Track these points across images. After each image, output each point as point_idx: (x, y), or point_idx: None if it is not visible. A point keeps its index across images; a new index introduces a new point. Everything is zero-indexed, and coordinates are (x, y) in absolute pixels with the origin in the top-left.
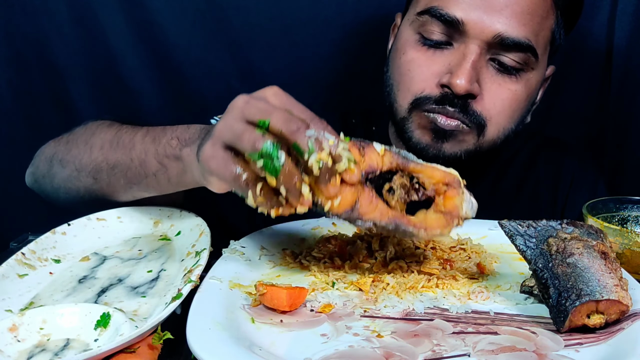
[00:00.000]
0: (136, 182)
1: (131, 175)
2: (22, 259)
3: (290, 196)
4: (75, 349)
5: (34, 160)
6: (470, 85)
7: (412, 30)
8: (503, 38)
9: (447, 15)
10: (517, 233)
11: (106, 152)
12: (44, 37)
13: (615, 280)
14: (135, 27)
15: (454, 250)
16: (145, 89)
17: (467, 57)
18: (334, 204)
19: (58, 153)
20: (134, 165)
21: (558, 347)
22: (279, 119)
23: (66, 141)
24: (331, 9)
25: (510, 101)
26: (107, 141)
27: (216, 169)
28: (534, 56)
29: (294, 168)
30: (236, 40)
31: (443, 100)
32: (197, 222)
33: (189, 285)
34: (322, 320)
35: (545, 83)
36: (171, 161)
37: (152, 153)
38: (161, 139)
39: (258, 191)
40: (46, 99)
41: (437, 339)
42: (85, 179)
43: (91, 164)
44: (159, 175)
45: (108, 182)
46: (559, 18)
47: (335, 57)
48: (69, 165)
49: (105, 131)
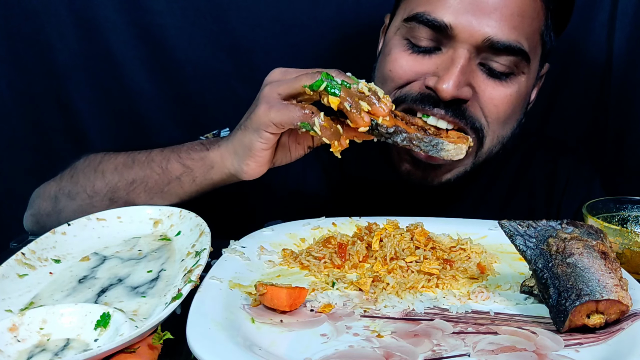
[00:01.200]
0: (158, 191)
1: (152, 184)
2: (22, 259)
3: (353, 110)
4: (75, 349)
5: (32, 203)
6: (456, 90)
7: (400, 37)
8: (493, 42)
9: (435, 20)
10: (517, 233)
11: (121, 171)
12: (45, 38)
13: (615, 280)
14: (136, 29)
15: (454, 250)
16: (145, 90)
17: (456, 61)
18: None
19: (63, 188)
20: (155, 175)
21: (558, 347)
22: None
23: (70, 175)
24: (330, 11)
25: (504, 106)
26: (121, 163)
27: (276, 113)
28: (525, 59)
29: (352, 90)
30: (236, 41)
31: (423, 100)
32: (197, 222)
33: (189, 285)
34: (322, 320)
35: (540, 82)
36: (196, 161)
37: (174, 159)
38: (182, 147)
39: (322, 116)
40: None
41: (437, 339)
42: (101, 203)
43: (106, 186)
44: (183, 178)
45: (127, 199)
46: (549, 20)
47: (334, 57)
48: (79, 194)
49: (114, 157)
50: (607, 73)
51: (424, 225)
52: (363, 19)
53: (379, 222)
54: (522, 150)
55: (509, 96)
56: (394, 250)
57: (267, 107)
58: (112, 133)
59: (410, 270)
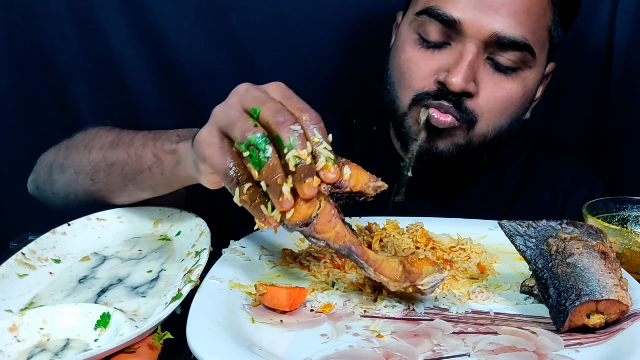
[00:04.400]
0: (132, 178)
1: (128, 170)
2: (22, 259)
3: (271, 193)
4: (75, 349)
5: (35, 167)
6: (465, 84)
7: (411, 30)
8: (500, 37)
9: (445, 15)
10: (517, 233)
11: (105, 151)
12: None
13: (615, 280)
14: (136, 29)
15: (454, 250)
16: (145, 90)
17: (464, 56)
18: (287, 214)
19: (58, 159)
20: (131, 161)
21: (558, 347)
22: (270, 108)
23: (66, 147)
24: (331, 10)
25: (503, 99)
26: (107, 142)
27: (209, 155)
28: (531, 54)
29: (278, 164)
30: (237, 41)
31: (439, 96)
32: (197, 222)
33: (189, 285)
34: (322, 320)
35: (546, 80)
36: (167, 154)
37: (149, 147)
38: (162, 135)
39: (245, 189)
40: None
41: (437, 339)
42: (84, 181)
43: (89, 165)
44: (153, 169)
45: (106, 182)
46: (556, 16)
47: (335, 57)
48: (69, 169)
49: (105, 134)
50: (608, 73)
51: (424, 225)
52: (365, 18)
53: (379, 222)
54: (527, 150)
55: (510, 90)
56: (394, 250)
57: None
58: None
59: None
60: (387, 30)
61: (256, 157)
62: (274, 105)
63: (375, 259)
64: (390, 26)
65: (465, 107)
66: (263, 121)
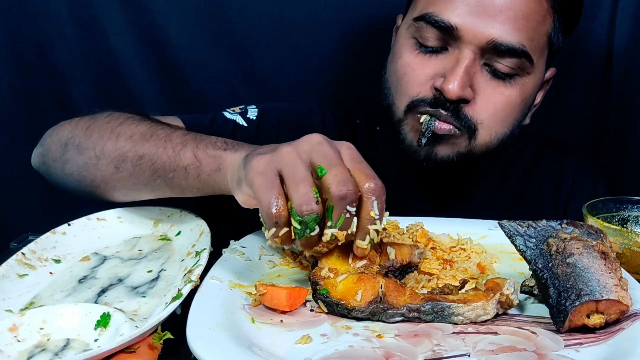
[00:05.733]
0: (162, 174)
1: (160, 165)
2: (22, 259)
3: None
4: (75, 349)
5: (44, 140)
6: (462, 90)
7: (409, 35)
8: (497, 43)
9: (442, 21)
10: (516, 233)
11: (136, 141)
12: (45, 38)
13: (615, 280)
14: (136, 29)
15: (454, 250)
16: (146, 90)
17: (460, 62)
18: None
19: (75, 137)
20: (166, 157)
21: (558, 347)
22: (336, 176)
23: (85, 126)
24: (332, 10)
25: (503, 105)
26: (139, 132)
27: (258, 185)
28: (528, 61)
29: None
30: (237, 41)
31: (436, 104)
32: (197, 222)
33: (189, 285)
34: (322, 320)
35: (547, 85)
36: (208, 157)
37: (190, 147)
38: (205, 138)
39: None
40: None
41: (437, 339)
42: (106, 167)
43: (115, 152)
44: (189, 169)
45: (131, 173)
46: (556, 22)
47: (336, 58)
48: (88, 151)
49: (136, 123)
50: (608, 73)
51: (424, 226)
52: (364, 19)
53: None
54: (529, 151)
55: (509, 97)
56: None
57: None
58: None
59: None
60: (387, 32)
61: (302, 231)
62: (341, 173)
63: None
64: (391, 27)
65: (464, 115)
66: (325, 184)
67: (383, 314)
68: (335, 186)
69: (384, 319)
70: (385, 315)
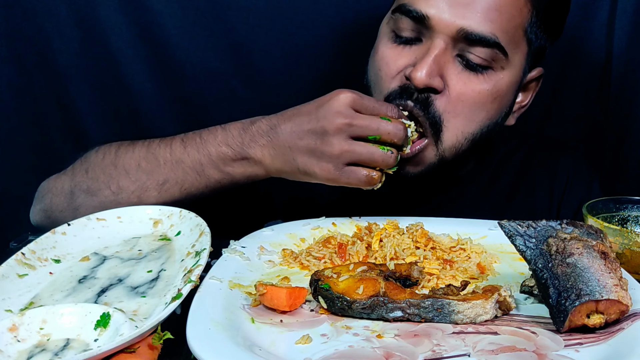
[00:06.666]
0: (195, 191)
1: (189, 186)
2: (22, 259)
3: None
4: (75, 349)
5: (42, 198)
6: (429, 78)
7: (388, 29)
8: (467, 33)
9: (415, 11)
10: (516, 233)
11: (148, 171)
12: (45, 38)
13: (615, 280)
14: (136, 28)
15: (454, 250)
16: (145, 90)
17: (431, 51)
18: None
19: (80, 184)
20: (190, 178)
21: (558, 347)
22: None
23: (84, 170)
24: (331, 10)
25: (472, 100)
26: (143, 159)
27: (346, 181)
28: (502, 53)
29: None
30: (236, 41)
31: (402, 93)
32: (197, 222)
33: (189, 285)
34: (322, 320)
35: (536, 86)
36: (235, 168)
37: (208, 165)
38: (206, 147)
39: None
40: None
41: (437, 339)
42: (128, 199)
43: (133, 184)
44: (223, 182)
45: (158, 198)
46: (534, 18)
47: (335, 57)
48: (102, 191)
49: (131, 150)
50: (607, 73)
51: (424, 226)
52: (364, 19)
53: (379, 222)
54: (523, 150)
55: (479, 91)
56: (394, 250)
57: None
58: (112, 133)
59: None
60: None
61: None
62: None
63: (458, 297)
64: None
65: (433, 108)
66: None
67: (383, 308)
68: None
69: (384, 313)
70: (386, 309)
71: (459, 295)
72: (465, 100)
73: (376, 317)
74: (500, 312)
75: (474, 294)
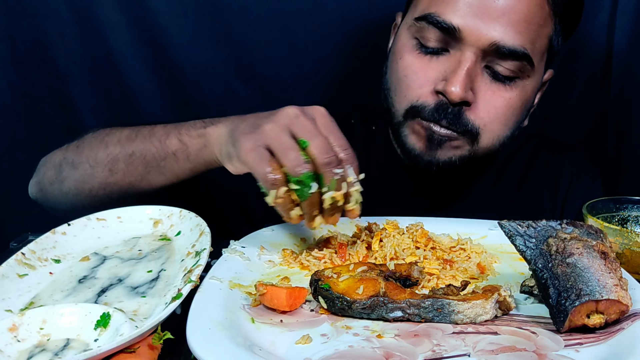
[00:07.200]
0: (155, 165)
1: (150, 158)
2: (22, 259)
3: (306, 217)
4: (75, 349)
5: (38, 170)
6: (464, 92)
7: (410, 35)
8: (499, 46)
9: (444, 22)
10: (516, 233)
11: (124, 143)
12: (45, 38)
13: (615, 280)
14: (136, 28)
15: (454, 250)
16: (145, 90)
17: (462, 64)
18: (358, 292)
19: (68, 157)
20: (153, 148)
21: (558, 347)
22: (319, 146)
23: (76, 146)
24: (331, 10)
25: (504, 109)
26: (124, 136)
27: (252, 162)
28: (529, 64)
29: (318, 200)
30: (237, 41)
31: (438, 110)
32: (197, 222)
33: (189, 285)
34: (322, 320)
35: (544, 87)
36: (193, 138)
37: (174, 135)
38: (184, 124)
39: (282, 192)
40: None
41: (437, 339)
42: (101, 174)
43: (107, 157)
44: (178, 154)
45: (126, 171)
46: (557, 25)
47: (335, 57)
48: (82, 164)
49: (120, 130)
50: (607, 73)
51: (424, 226)
52: (365, 19)
53: (379, 222)
54: (527, 151)
55: (509, 100)
56: (394, 250)
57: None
58: None
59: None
60: (387, 31)
61: (302, 191)
62: (322, 142)
63: (458, 297)
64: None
65: (466, 120)
66: (310, 155)
67: (384, 308)
68: (320, 155)
69: (384, 313)
70: (386, 309)
71: (459, 295)
72: (496, 110)
73: (376, 317)
74: (500, 312)
75: (474, 294)
